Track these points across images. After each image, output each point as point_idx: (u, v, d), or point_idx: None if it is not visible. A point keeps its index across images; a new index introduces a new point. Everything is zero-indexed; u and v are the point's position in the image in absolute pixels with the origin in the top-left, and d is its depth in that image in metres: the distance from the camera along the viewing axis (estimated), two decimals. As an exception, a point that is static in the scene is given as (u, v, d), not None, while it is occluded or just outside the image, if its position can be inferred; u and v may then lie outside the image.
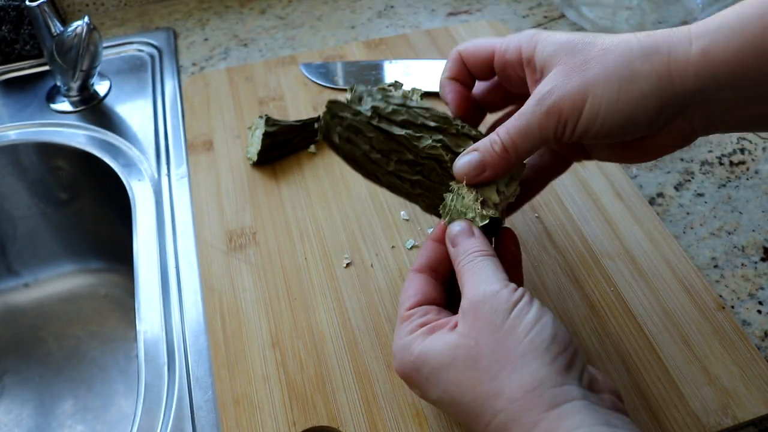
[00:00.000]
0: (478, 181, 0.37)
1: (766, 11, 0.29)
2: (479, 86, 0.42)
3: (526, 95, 0.36)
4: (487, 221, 0.36)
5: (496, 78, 0.40)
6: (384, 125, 0.38)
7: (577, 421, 0.28)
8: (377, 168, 0.39)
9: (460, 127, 0.39)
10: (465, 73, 0.40)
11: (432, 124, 0.39)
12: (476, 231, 0.36)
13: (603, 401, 0.30)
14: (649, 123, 0.33)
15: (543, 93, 0.33)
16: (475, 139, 0.38)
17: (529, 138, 0.34)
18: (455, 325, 0.33)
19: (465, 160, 0.36)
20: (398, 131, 0.38)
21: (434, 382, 0.32)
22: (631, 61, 0.32)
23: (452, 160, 0.37)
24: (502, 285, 0.32)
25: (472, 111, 0.41)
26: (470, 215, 0.37)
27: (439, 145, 0.38)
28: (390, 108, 0.39)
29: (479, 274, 0.33)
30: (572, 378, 0.30)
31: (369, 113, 0.39)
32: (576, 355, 0.31)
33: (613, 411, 0.30)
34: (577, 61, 0.33)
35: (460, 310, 0.33)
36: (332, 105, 0.39)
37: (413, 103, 0.40)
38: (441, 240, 0.38)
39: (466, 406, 0.31)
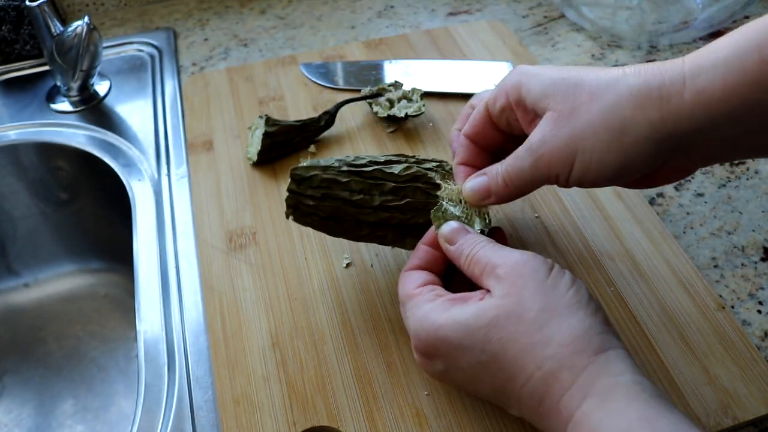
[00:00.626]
0: (481, 205, 0.38)
1: (762, 42, 0.28)
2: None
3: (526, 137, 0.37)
4: (487, 228, 0.38)
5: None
6: (354, 167, 0.40)
7: (623, 366, 0.30)
8: (361, 210, 0.39)
9: (416, 156, 0.42)
10: (479, 154, 0.40)
11: (394, 158, 0.41)
12: (469, 229, 0.37)
13: None
14: (645, 166, 0.33)
15: (533, 143, 0.34)
16: (435, 161, 0.42)
17: (524, 181, 0.36)
18: (481, 298, 0.33)
19: (475, 182, 0.38)
20: (369, 168, 0.39)
21: (468, 345, 0.32)
22: (620, 110, 0.31)
23: (429, 176, 0.40)
24: (532, 255, 0.34)
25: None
26: (472, 224, 0.38)
27: (411, 166, 0.40)
28: (351, 157, 0.41)
29: (503, 250, 0.34)
30: (611, 330, 0.32)
31: (336, 164, 0.40)
32: (608, 317, 0.33)
33: None
34: (566, 109, 0.33)
35: (492, 279, 0.33)
36: (296, 171, 0.40)
37: (362, 153, 0.43)
38: (433, 244, 0.38)
39: (507, 362, 0.31)
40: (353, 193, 0.39)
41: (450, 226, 0.37)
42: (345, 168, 0.39)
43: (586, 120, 0.32)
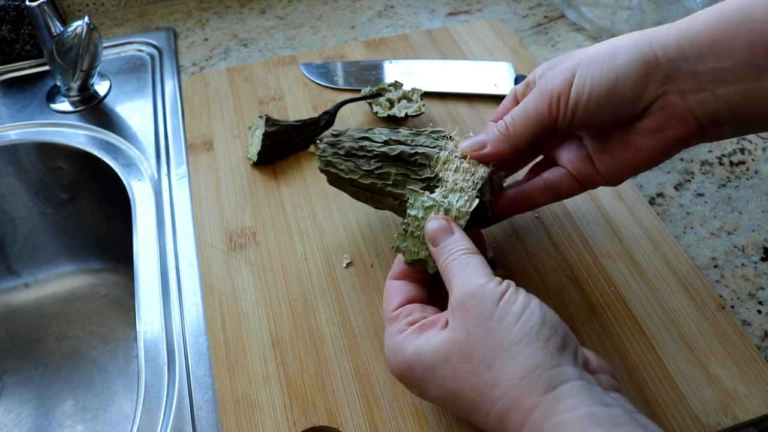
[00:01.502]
0: (477, 157, 0.39)
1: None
2: None
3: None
4: (469, 206, 0.38)
5: None
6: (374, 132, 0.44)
7: (574, 401, 0.28)
8: (372, 143, 0.42)
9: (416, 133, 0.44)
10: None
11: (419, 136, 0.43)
12: (455, 227, 0.37)
13: (599, 381, 0.31)
14: (636, 92, 0.34)
15: (540, 86, 0.37)
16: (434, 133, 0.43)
17: (527, 118, 0.37)
18: (445, 324, 0.33)
19: (470, 140, 0.40)
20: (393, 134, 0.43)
21: (430, 379, 0.32)
22: (613, 41, 0.35)
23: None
24: (487, 279, 0.33)
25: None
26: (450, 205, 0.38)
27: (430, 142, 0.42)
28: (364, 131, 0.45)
29: (464, 271, 0.34)
30: (567, 359, 0.30)
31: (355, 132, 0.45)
32: (568, 336, 0.32)
33: (609, 390, 0.31)
34: (569, 58, 0.37)
35: (449, 307, 0.33)
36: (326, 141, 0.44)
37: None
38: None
39: (465, 398, 0.31)
40: (372, 132, 0.43)
41: (434, 223, 0.37)
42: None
43: (584, 53, 0.36)
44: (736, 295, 0.47)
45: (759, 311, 0.46)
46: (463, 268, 0.34)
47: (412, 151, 0.41)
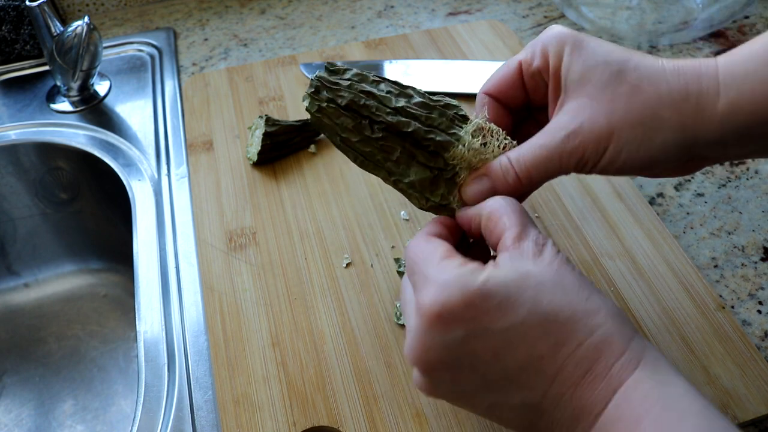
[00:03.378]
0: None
1: None
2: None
3: (544, 107, 0.36)
4: None
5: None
6: (390, 80, 0.38)
7: (653, 345, 0.30)
8: (381, 105, 0.36)
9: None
10: (500, 113, 0.38)
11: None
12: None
13: None
14: (667, 165, 0.34)
15: (570, 130, 0.33)
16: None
17: (548, 170, 0.34)
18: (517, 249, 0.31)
19: (476, 189, 0.35)
20: (405, 84, 0.38)
21: (513, 304, 0.29)
22: (659, 109, 0.31)
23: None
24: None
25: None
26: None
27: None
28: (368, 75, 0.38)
29: (528, 227, 0.32)
30: None
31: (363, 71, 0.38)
32: None
33: None
34: (605, 98, 0.32)
35: (521, 252, 0.31)
36: (330, 64, 0.37)
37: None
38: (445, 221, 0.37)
39: (559, 325, 0.29)
40: (380, 90, 0.37)
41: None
42: (380, 78, 0.37)
43: (625, 113, 0.32)
44: (736, 295, 0.47)
45: (759, 311, 0.46)
46: (520, 217, 0.32)
47: (428, 136, 0.36)
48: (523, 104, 0.39)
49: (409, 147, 0.36)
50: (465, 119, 0.37)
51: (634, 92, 0.32)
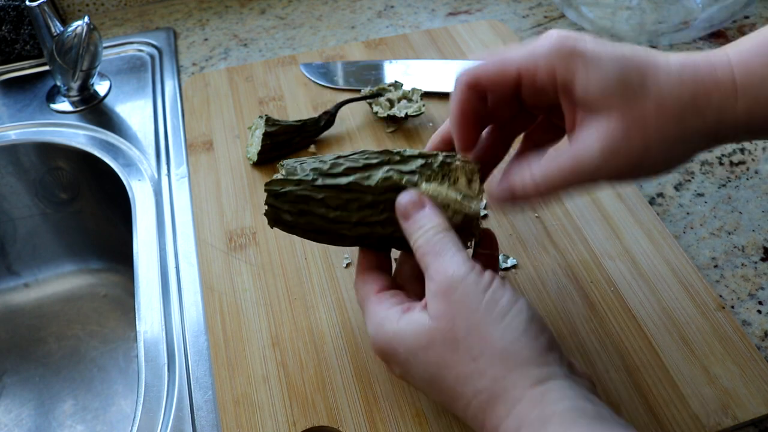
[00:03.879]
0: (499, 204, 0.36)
1: None
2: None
3: (547, 107, 0.35)
4: (462, 217, 0.35)
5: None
6: (330, 181, 0.36)
7: (560, 395, 0.29)
8: (341, 225, 0.37)
9: (402, 152, 0.38)
10: (478, 105, 0.35)
11: (374, 161, 0.37)
12: (426, 202, 0.35)
13: (583, 382, 0.31)
14: (684, 162, 0.34)
15: (606, 150, 0.31)
16: (423, 157, 0.37)
17: (574, 184, 0.33)
18: (425, 305, 0.33)
19: (503, 187, 0.35)
20: (345, 180, 0.36)
21: (413, 362, 0.32)
22: (684, 118, 0.31)
23: (409, 182, 0.36)
24: (468, 268, 0.32)
25: (482, 152, 0.38)
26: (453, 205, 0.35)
27: (390, 174, 0.36)
28: (327, 165, 0.37)
29: (442, 256, 0.32)
30: (553, 359, 0.31)
31: (310, 176, 0.37)
32: (554, 339, 0.32)
33: (591, 393, 0.31)
34: (635, 116, 0.31)
35: (428, 291, 0.32)
36: (270, 186, 0.37)
37: (346, 153, 0.38)
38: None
39: (447, 385, 0.31)
40: (329, 209, 0.37)
41: (405, 196, 0.35)
42: (320, 182, 0.37)
43: (656, 130, 0.31)
44: (736, 295, 0.47)
45: (759, 311, 0.46)
46: (439, 251, 0.33)
47: (392, 234, 0.37)
48: (509, 115, 0.37)
49: (383, 243, 0.38)
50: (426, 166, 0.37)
51: (660, 110, 0.31)
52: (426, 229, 0.34)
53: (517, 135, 0.39)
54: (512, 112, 0.37)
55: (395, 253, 0.42)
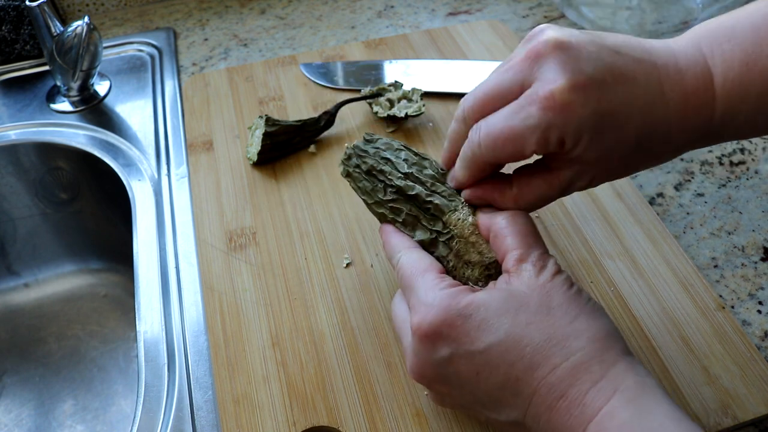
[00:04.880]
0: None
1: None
2: None
3: None
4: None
5: None
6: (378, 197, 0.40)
7: (642, 369, 0.30)
8: (393, 171, 0.40)
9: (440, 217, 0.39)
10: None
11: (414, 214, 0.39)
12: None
13: None
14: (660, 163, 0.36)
15: (582, 183, 0.35)
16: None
17: (546, 201, 0.36)
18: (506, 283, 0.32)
19: (477, 195, 0.37)
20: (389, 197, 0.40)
21: (494, 325, 0.30)
22: (669, 135, 0.33)
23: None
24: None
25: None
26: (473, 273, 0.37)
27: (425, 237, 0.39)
28: (381, 190, 0.40)
29: (532, 247, 0.34)
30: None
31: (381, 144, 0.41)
32: None
33: None
34: (630, 164, 0.34)
35: (516, 276, 0.32)
36: (368, 135, 0.42)
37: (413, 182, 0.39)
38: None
39: (532, 347, 0.29)
40: (398, 157, 0.40)
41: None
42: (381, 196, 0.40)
43: (635, 142, 0.33)
44: (736, 295, 0.47)
45: (759, 311, 0.46)
46: (526, 236, 0.34)
47: (428, 198, 0.38)
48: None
49: (414, 210, 0.39)
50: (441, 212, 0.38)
51: (644, 115, 0.32)
52: (516, 215, 0.35)
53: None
54: None
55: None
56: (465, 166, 0.36)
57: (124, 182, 0.58)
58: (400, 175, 0.39)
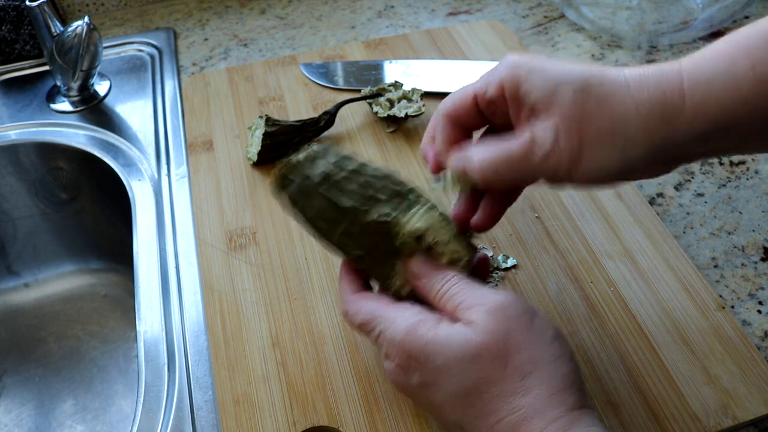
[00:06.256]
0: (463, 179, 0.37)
1: (755, 59, 0.29)
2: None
3: (509, 125, 0.37)
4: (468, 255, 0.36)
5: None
6: (333, 194, 0.36)
7: (592, 421, 0.31)
8: (323, 235, 0.38)
9: (414, 198, 0.37)
10: (456, 133, 0.39)
11: (382, 196, 0.37)
12: (436, 268, 0.36)
13: None
14: (639, 175, 0.35)
15: (540, 143, 0.33)
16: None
17: (513, 174, 0.35)
18: (467, 323, 0.32)
19: (457, 162, 0.37)
20: (346, 202, 0.36)
21: (451, 371, 0.32)
22: (627, 126, 0.32)
23: (401, 235, 0.36)
24: (514, 296, 0.34)
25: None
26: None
27: (385, 219, 0.36)
28: (341, 175, 0.36)
29: (479, 289, 0.34)
30: (585, 390, 0.33)
31: (318, 179, 0.36)
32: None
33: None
34: (574, 115, 0.32)
35: (479, 311, 0.32)
36: (284, 166, 0.37)
37: (370, 169, 0.37)
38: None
39: (483, 400, 0.31)
40: (319, 217, 0.37)
41: (417, 263, 0.36)
42: (323, 189, 0.36)
43: (596, 130, 0.32)
44: (736, 295, 0.47)
45: (759, 311, 0.46)
46: (474, 287, 0.34)
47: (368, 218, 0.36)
48: (481, 126, 0.39)
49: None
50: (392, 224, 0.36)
51: (600, 108, 0.32)
52: (449, 277, 0.35)
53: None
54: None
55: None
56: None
57: (124, 182, 0.58)
58: (329, 239, 0.37)
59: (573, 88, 0.32)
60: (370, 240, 0.36)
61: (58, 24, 0.61)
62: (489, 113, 0.38)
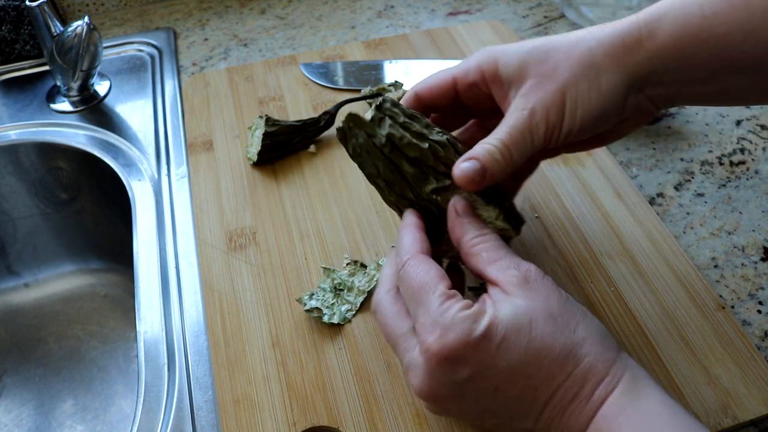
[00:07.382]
0: (479, 188, 0.36)
1: (704, 1, 0.33)
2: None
3: (490, 111, 0.39)
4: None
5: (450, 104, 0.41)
6: (395, 157, 0.37)
7: (634, 362, 0.33)
8: (380, 191, 0.39)
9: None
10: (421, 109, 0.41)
11: (442, 167, 0.37)
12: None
13: None
14: (618, 108, 0.36)
15: (531, 106, 0.36)
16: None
17: (523, 147, 0.36)
18: (507, 287, 0.34)
19: (467, 167, 0.35)
20: (407, 168, 0.37)
21: (512, 344, 0.31)
22: (594, 59, 0.35)
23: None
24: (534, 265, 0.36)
25: None
26: None
27: (437, 197, 0.37)
28: (406, 140, 0.37)
29: (512, 254, 0.35)
30: None
31: (383, 140, 0.37)
32: None
33: None
34: (548, 69, 0.36)
35: (508, 284, 0.33)
36: (352, 119, 0.37)
37: (435, 134, 0.37)
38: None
39: (550, 360, 0.31)
40: (378, 176, 0.38)
41: (460, 201, 0.37)
42: (386, 150, 0.37)
43: (568, 73, 0.35)
44: (736, 295, 0.47)
45: (759, 311, 0.46)
46: (507, 251, 0.35)
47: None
48: (451, 110, 0.42)
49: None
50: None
51: (568, 56, 0.36)
52: (486, 231, 0.36)
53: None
54: (456, 124, 0.44)
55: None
56: None
57: (124, 182, 0.58)
58: (385, 195, 0.39)
59: (541, 51, 0.36)
60: (425, 208, 0.38)
61: (58, 24, 0.61)
62: (469, 97, 0.40)
